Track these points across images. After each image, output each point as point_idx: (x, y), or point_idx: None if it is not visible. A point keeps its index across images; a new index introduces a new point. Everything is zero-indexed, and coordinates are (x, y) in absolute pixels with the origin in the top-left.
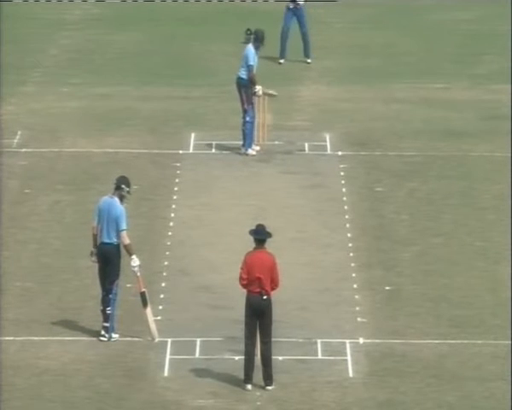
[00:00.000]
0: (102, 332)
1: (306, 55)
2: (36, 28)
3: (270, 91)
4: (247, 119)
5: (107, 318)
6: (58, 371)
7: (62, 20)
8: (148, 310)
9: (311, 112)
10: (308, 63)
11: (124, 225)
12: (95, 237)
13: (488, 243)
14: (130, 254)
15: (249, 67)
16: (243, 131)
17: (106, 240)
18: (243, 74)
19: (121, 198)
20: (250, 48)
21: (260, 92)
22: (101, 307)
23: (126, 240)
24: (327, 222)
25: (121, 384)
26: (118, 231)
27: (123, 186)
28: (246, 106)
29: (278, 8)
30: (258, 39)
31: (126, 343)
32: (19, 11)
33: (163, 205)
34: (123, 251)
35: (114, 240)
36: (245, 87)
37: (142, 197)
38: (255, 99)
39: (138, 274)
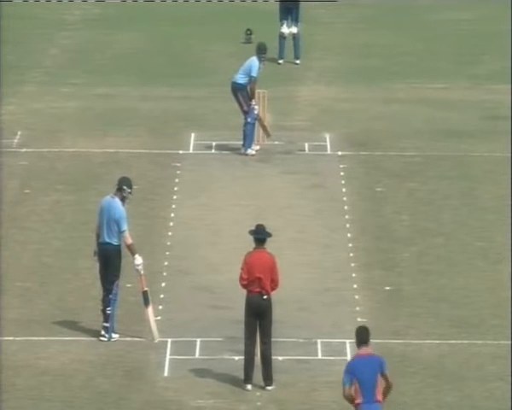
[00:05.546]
0: (102, 332)
1: (296, 55)
2: (36, 28)
3: (266, 125)
4: (249, 120)
5: (107, 318)
6: (58, 371)
7: (62, 20)
8: (150, 309)
9: (311, 112)
10: (297, 64)
11: (124, 226)
12: (98, 236)
13: (488, 243)
14: (133, 254)
15: (251, 79)
16: (244, 131)
17: (106, 240)
18: (240, 80)
19: (123, 199)
20: (254, 60)
21: (256, 112)
22: (102, 307)
23: (129, 240)
24: (327, 222)
25: (121, 384)
26: (118, 232)
27: (124, 187)
28: (245, 108)
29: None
30: (261, 51)
31: (126, 343)
32: (19, 11)
33: (163, 205)
34: (124, 251)
35: (114, 240)
36: (240, 91)
37: (142, 197)
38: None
39: (142, 272)
